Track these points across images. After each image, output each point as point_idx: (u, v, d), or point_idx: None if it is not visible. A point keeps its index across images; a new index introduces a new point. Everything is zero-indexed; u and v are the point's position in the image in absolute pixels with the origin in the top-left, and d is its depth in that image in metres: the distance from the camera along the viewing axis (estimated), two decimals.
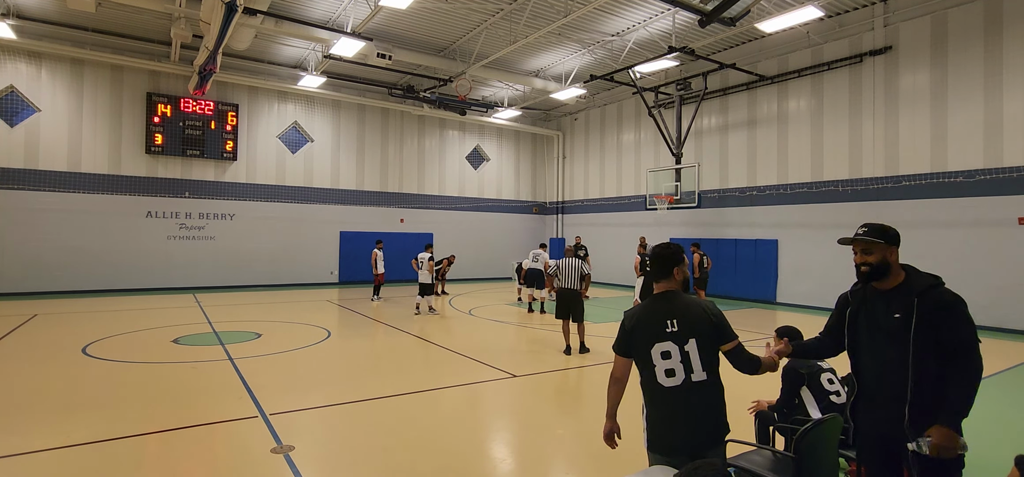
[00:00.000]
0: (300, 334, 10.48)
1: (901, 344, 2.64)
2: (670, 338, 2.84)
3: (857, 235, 2.81)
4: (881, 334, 2.74)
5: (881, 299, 2.78)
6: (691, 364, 2.82)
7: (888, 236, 2.75)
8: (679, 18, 14.31)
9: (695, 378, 2.81)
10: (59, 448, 4.83)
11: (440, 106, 21.12)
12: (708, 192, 17.95)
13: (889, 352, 2.70)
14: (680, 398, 2.81)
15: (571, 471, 4.84)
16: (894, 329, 2.67)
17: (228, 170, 18.82)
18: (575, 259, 9.06)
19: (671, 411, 2.84)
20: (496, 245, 23.96)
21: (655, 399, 2.88)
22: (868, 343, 2.81)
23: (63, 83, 16.40)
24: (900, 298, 2.70)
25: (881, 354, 2.74)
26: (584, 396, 7.23)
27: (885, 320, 2.73)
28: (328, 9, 14.29)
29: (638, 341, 2.90)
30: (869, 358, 2.81)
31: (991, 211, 11.94)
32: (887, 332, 2.71)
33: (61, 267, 16.25)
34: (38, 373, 7.41)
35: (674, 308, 2.89)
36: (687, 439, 2.82)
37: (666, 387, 2.83)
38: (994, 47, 11.98)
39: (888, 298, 2.75)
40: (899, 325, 2.66)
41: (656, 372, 2.84)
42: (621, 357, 3.01)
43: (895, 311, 2.69)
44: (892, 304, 2.72)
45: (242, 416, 5.73)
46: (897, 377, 2.65)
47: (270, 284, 19.23)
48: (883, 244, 2.74)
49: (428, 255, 13.72)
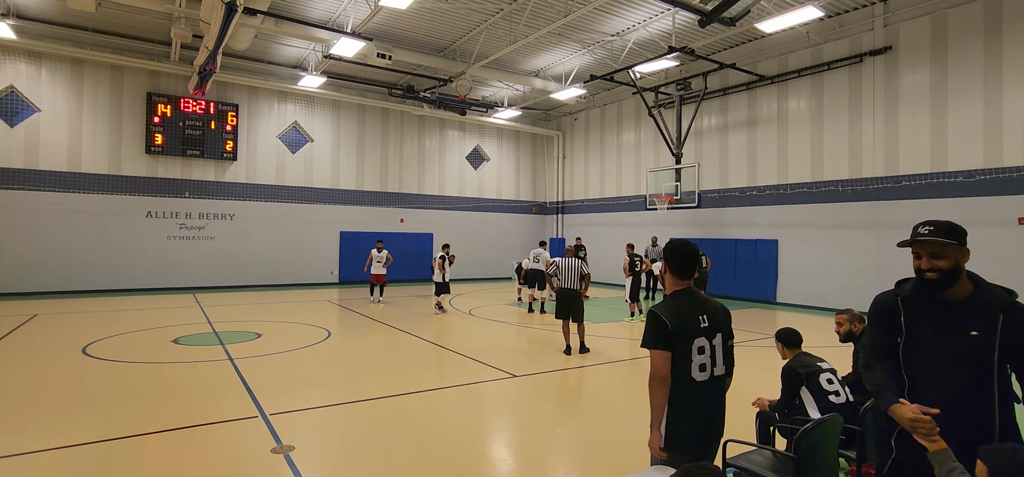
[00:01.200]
0: (300, 334, 10.48)
1: (980, 367, 2.27)
2: (703, 333, 2.90)
3: (921, 235, 2.38)
4: (953, 356, 2.32)
5: (949, 313, 2.35)
6: (716, 358, 2.92)
7: (959, 235, 2.34)
8: (679, 18, 14.31)
9: (717, 372, 2.93)
10: (59, 448, 4.83)
11: (440, 106, 21.13)
12: (708, 192, 17.95)
13: (964, 377, 2.30)
14: (707, 392, 2.90)
15: (571, 471, 4.84)
16: (972, 350, 2.28)
17: (228, 170, 18.82)
18: (575, 259, 9.05)
19: (699, 405, 2.89)
20: (496, 245, 23.96)
21: (685, 394, 2.88)
22: (933, 366, 2.37)
23: (63, 83, 16.40)
24: (977, 312, 2.31)
25: (954, 379, 2.32)
26: (584, 396, 7.23)
27: (957, 338, 2.31)
28: (328, 9, 14.28)
29: (682, 335, 2.88)
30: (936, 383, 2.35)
31: (991, 211, 11.93)
32: (962, 354, 2.30)
33: (61, 267, 16.25)
34: (38, 373, 7.41)
35: (702, 303, 2.97)
36: (708, 433, 2.92)
37: (698, 381, 2.88)
38: (994, 47, 11.98)
39: (959, 311, 2.34)
40: (978, 344, 2.28)
41: (692, 367, 2.87)
42: (664, 352, 2.87)
43: (971, 327, 2.30)
44: (965, 319, 2.32)
45: (242, 416, 5.73)
46: (977, 406, 2.28)
47: (270, 284, 19.23)
48: (956, 247, 2.31)
49: (441, 255, 13.90)
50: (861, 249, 14.11)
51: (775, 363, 4.65)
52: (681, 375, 2.88)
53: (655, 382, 2.88)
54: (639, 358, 9.21)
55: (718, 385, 2.95)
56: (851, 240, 14.37)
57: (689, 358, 2.87)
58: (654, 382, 2.88)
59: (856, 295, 13.57)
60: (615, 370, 8.28)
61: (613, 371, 8.22)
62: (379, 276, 15.68)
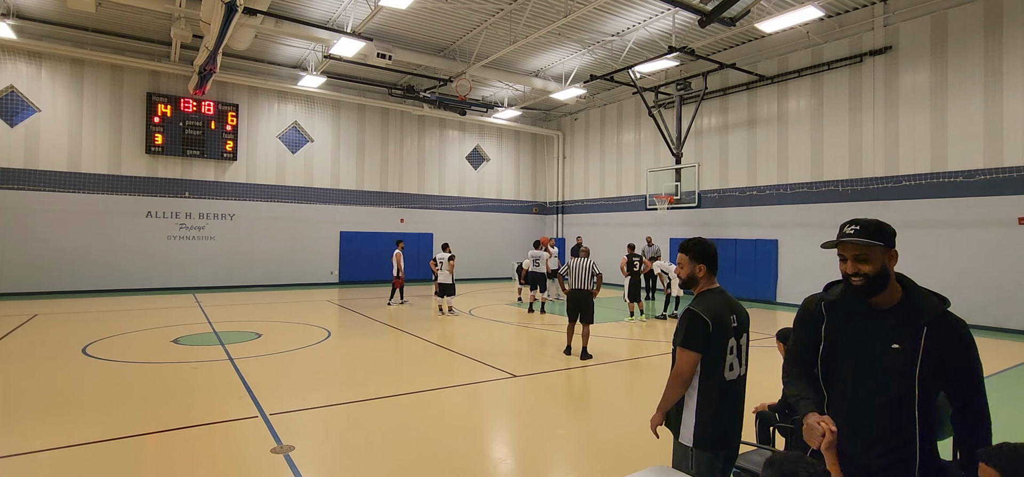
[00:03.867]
0: (300, 334, 10.47)
1: (902, 382, 2.09)
2: (733, 332, 2.91)
3: (846, 236, 2.16)
4: (876, 367, 2.13)
5: (874, 321, 2.16)
6: (742, 358, 2.96)
7: (886, 236, 2.13)
8: (679, 18, 14.31)
9: (742, 372, 2.97)
10: (59, 448, 4.83)
11: (440, 106, 21.13)
12: (708, 192, 17.95)
13: (887, 391, 2.11)
14: (737, 391, 2.93)
15: (572, 471, 4.84)
16: (895, 363, 2.09)
17: (228, 170, 18.82)
18: (587, 260, 8.97)
19: (729, 404, 2.91)
20: (496, 245, 23.97)
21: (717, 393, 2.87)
22: (855, 377, 2.19)
23: (63, 83, 16.40)
24: (902, 323, 2.11)
25: (876, 392, 2.13)
26: (584, 396, 7.23)
27: (880, 349, 2.12)
28: (328, 9, 14.28)
29: (719, 336, 2.86)
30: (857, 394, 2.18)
31: (991, 211, 11.93)
32: (884, 366, 2.11)
33: (61, 267, 16.25)
34: (38, 373, 7.41)
35: (731, 303, 2.97)
36: (737, 431, 2.95)
37: (729, 380, 2.90)
38: (994, 47, 11.97)
39: (883, 321, 2.14)
40: (900, 359, 2.08)
41: (725, 366, 2.88)
42: (696, 354, 2.84)
43: (894, 339, 2.10)
44: (889, 329, 2.12)
45: (242, 416, 5.73)
46: (899, 423, 2.10)
47: (270, 284, 19.23)
48: (882, 248, 2.10)
49: (447, 255, 13.74)
50: None
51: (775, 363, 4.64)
52: (714, 374, 2.86)
53: (680, 381, 2.87)
54: (639, 358, 9.21)
55: (742, 384, 2.99)
56: None
57: (723, 358, 2.86)
58: (679, 381, 2.87)
59: None
60: (615, 370, 8.28)
61: (613, 371, 8.21)
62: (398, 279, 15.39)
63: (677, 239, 17.70)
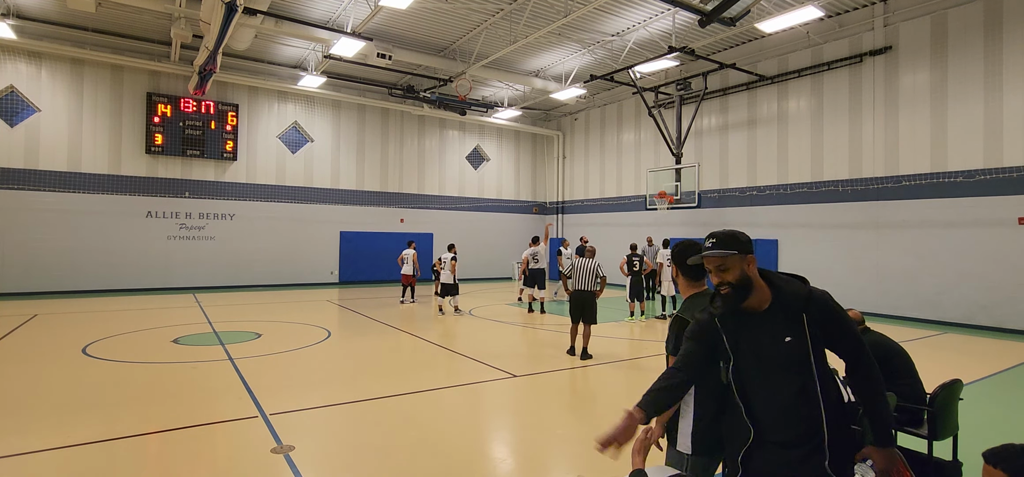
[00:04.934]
0: (300, 334, 10.48)
1: (802, 372, 2.18)
2: None
3: (705, 250, 2.28)
4: (775, 366, 2.22)
5: (760, 324, 2.26)
6: None
7: (740, 243, 2.23)
8: (679, 18, 14.31)
9: None
10: (59, 448, 4.83)
11: (440, 106, 21.13)
12: (708, 192, 17.95)
13: (791, 385, 2.20)
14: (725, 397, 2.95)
15: (572, 471, 4.84)
16: (790, 357, 2.19)
17: (228, 170, 18.82)
18: (592, 261, 8.97)
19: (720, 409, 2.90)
20: (496, 245, 23.98)
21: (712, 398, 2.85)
22: (761, 380, 2.27)
23: (63, 83, 16.40)
24: (782, 318, 2.22)
25: (782, 390, 2.22)
26: (585, 396, 7.23)
27: (773, 348, 2.22)
28: (328, 9, 14.29)
29: None
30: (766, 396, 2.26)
31: (991, 211, 11.93)
32: (782, 363, 2.21)
33: (61, 267, 16.25)
34: (38, 373, 7.41)
35: None
36: None
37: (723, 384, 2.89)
38: (994, 47, 11.98)
39: (767, 321, 2.25)
40: (794, 350, 2.19)
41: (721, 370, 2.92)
42: None
43: (783, 334, 2.20)
44: (776, 326, 2.22)
45: (242, 416, 5.73)
46: (807, 412, 2.18)
47: (270, 284, 19.23)
48: (737, 256, 2.21)
49: (451, 255, 13.88)
50: (861, 249, 14.11)
51: None
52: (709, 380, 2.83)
53: None
54: (639, 358, 9.21)
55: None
56: (851, 240, 14.37)
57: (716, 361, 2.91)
58: None
59: (856, 295, 13.58)
60: (615, 370, 8.28)
61: (613, 371, 8.21)
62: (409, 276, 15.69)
63: (676, 240, 17.68)
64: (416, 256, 15.95)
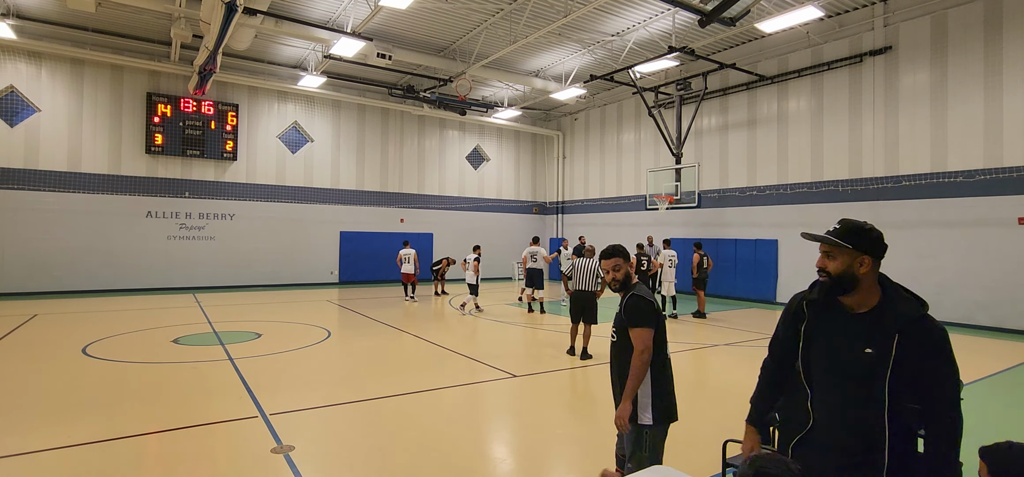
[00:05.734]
0: (300, 334, 10.47)
1: (872, 387, 2.06)
2: None
3: (827, 233, 2.21)
4: (842, 370, 2.15)
5: (846, 326, 2.16)
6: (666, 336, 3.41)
7: (859, 240, 2.11)
8: (679, 18, 14.31)
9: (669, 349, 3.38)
10: (59, 448, 4.83)
11: (440, 106, 21.13)
12: (708, 192, 17.95)
13: (856, 394, 2.10)
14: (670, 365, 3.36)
15: (572, 471, 4.84)
16: (863, 367, 2.08)
17: (228, 170, 18.82)
18: (592, 261, 8.96)
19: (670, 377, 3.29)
20: (496, 245, 23.93)
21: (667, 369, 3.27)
22: (826, 378, 2.21)
23: (63, 83, 16.40)
24: (875, 327, 2.08)
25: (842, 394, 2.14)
26: (584, 396, 7.23)
27: (851, 353, 2.11)
28: (328, 9, 14.28)
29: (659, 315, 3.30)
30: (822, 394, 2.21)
31: (991, 211, 11.93)
32: (851, 370, 2.12)
33: (61, 267, 16.25)
34: (38, 373, 7.41)
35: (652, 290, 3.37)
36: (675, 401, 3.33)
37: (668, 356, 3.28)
38: (994, 47, 11.97)
39: (858, 324, 2.13)
40: (871, 363, 2.06)
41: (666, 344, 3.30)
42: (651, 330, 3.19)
43: (866, 343, 2.08)
44: (863, 333, 2.10)
45: (242, 416, 5.73)
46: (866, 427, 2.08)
47: (270, 284, 19.23)
48: (850, 251, 2.10)
49: (475, 256, 14.10)
50: None
51: None
52: (662, 350, 3.23)
53: (647, 358, 3.14)
54: None
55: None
56: None
57: (664, 333, 3.28)
58: (645, 357, 3.13)
59: None
60: None
61: None
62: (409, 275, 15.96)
63: (677, 240, 17.68)
64: (416, 255, 16.18)
